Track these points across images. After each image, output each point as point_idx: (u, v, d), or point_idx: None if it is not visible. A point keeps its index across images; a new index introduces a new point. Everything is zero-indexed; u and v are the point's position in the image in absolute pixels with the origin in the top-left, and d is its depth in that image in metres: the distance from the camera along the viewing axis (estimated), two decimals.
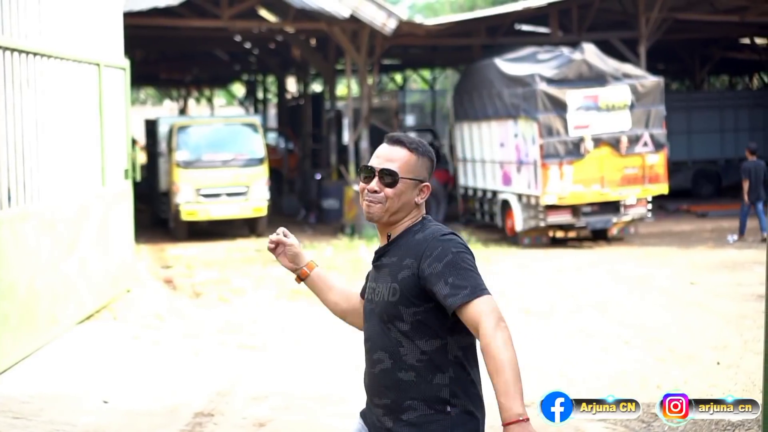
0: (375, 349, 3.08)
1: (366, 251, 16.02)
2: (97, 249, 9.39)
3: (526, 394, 7.66)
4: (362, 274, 13.85)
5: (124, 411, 6.39)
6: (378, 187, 3.15)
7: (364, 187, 3.20)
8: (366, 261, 15.01)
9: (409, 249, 3.07)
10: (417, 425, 2.95)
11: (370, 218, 3.18)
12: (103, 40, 9.98)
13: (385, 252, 3.18)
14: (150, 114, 35.30)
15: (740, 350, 8.89)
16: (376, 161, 3.20)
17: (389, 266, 3.10)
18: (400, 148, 3.18)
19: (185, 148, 18.72)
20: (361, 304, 3.36)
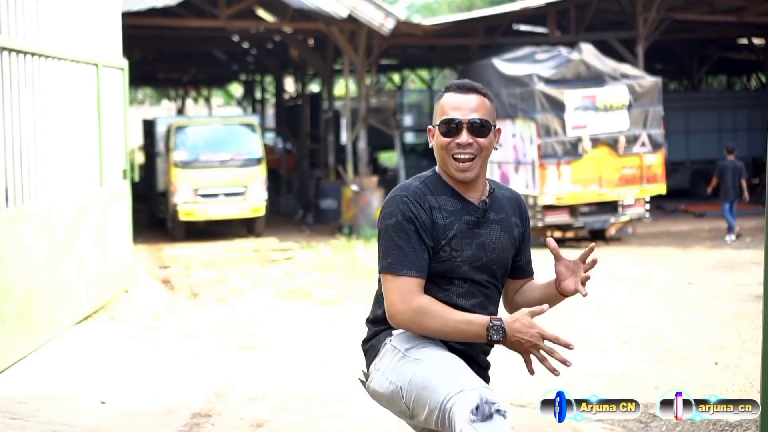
0: (488, 305, 3.14)
1: (364, 251, 16.02)
2: (96, 249, 9.39)
3: (523, 395, 7.67)
4: (360, 273, 13.86)
5: (121, 411, 6.39)
6: (471, 139, 3.04)
7: (449, 141, 3.05)
8: (364, 261, 15.00)
9: (510, 207, 3.22)
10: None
11: (467, 177, 3.07)
12: (101, 40, 9.98)
13: (489, 207, 3.14)
14: (148, 114, 35.28)
15: (738, 350, 8.89)
16: (458, 113, 3.05)
17: (499, 222, 3.15)
18: (476, 95, 3.09)
19: (183, 148, 18.72)
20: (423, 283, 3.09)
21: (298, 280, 13.45)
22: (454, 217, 3.06)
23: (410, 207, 3.01)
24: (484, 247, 3.10)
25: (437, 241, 3.03)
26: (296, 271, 14.27)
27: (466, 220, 3.08)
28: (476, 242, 3.08)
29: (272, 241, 18.08)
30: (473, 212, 3.10)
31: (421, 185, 3.09)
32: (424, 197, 3.05)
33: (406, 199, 3.02)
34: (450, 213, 3.06)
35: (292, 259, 15.69)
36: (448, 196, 3.08)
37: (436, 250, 3.04)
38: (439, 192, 3.09)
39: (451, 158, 3.06)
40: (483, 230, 3.11)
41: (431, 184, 3.10)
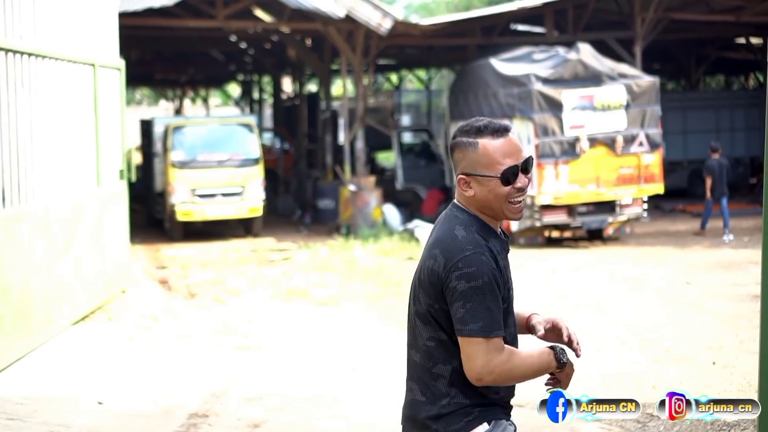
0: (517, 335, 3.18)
1: (361, 251, 16.02)
2: (92, 249, 9.37)
3: (521, 394, 7.66)
4: (358, 274, 13.86)
5: (118, 412, 6.38)
6: (526, 182, 3.06)
7: (510, 189, 3.02)
8: (361, 261, 15.00)
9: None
10: None
11: (520, 218, 3.08)
12: (98, 40, 9.96)
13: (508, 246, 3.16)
14: (146, 114, 35.26)
15: (736, 350, 8.89)
16: (512, 159, 3.02)
17: (508, 261, 3.13)
18: (511, 134, 3.06)
19: (180, 148, 18.70)
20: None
21: (296, 281, 13.44)
22: (502, 256, 3.07)
23: (491, 265, 2.97)
24: (508, 284, 3.11)
25: (506, 284, 3.05)
26: (294, 272, 14.27)
27: (505, 254, 3.11)
28: (510, 277, 3.13)
29: (270, 241, 18.07)
30: (506, 244, 3.13)
31: (480, 233, 3.04)
32: (490, 245, 3.03)
33: (485, 257, 2.96)
34: (500, 253, 3.06)
35: (289, 260, 15.68)
36: (494, 237, 3.07)
37: (505, 295, 3.06)
38: (489, 235, 3.06)
39: (508, 203, 3.04)
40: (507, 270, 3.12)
41: (482, 229, 3.06)
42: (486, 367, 2.97)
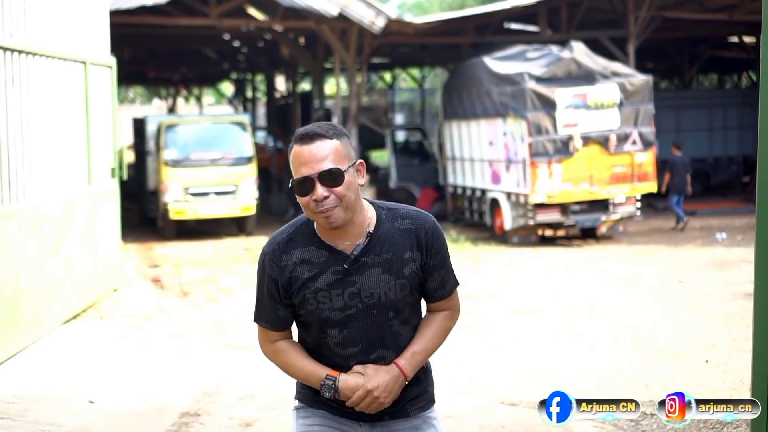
0: (373, 349, 3.04)
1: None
2: (84, 248, 9.34)
3: (515, 393, 7.61)
4: None
5: (110, 411, 6.35)
6: (326, 192, 2.91)
7: (308, 200, 2.92)
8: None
9: (402, 242, 3.03)
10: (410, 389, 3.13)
11: (335, 226, 2.94)
12: (89, 38, 9.93)
13: (366, 251, 3.01)
14: (139, 113, 35.20)
15: (729, 349, 8.89)
16: (307, 168, 2.91)
17: (381, 264, 3.00)
18: (320, 141, 2.92)
19: (173, 146, 18.65)
20: (282, 333, 3.13)
21: None
22: (318, 269, 2.99)
23: (268, 266, 3.04)
24: (359, 295, 3.00)
25: (300, 295, 3.01)
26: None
27: (333, 270, 2.99)
28: (349, 291, 2.99)
29: (263, 239, 18.01)
30: (341, 261, 2.99)
31: (286, 237, 3.05)
32: (286, 253, 3.02)
33: (268, 257, 3.04)
34: (315, 265, 2.99)
35: None
36: (315, 247, 3.01)
37: (299, 303, 3.03)
38: (306, 243, 3.02)
39: (314, 214, 2.96)
40: (357, 277, 2.99)
41: (299, 235, 3.04)
42: (259, 344, 3.20)
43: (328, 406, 3.10)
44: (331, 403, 3.09)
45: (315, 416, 3.12)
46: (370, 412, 3.03)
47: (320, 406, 3.10)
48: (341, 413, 3.09)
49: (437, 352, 3.22)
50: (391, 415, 3.10)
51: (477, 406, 6.89)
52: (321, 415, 3.11)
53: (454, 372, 8.06)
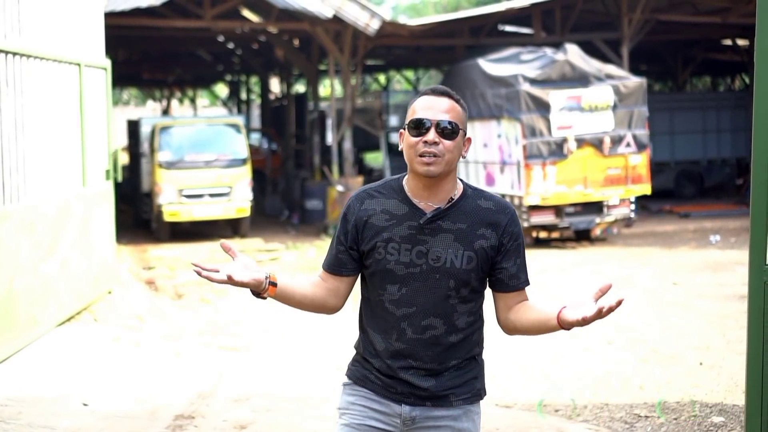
0: (426, 315, 3.05)
1: None
2: (78, 250, 9.32)
3: (510, 395, 7.62)
4: None
5: (104, 414, 6.34)
6: (437, 139, 3.02)
7: (417, 141, 3.02)
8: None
9: (480, 217, 3.10)
10: (457, 377, 3.12)
11: (430, 174, 3.02)
12: (83, 39, 9.91)
13: (443, 215, 3.07)
14: (133, 114, 35.15)
15: (723, 351, 8.91)
16: (429, 113, 3.04)
17: (454, 232, 3.06)
18: (448, 99, 3.08)
19: (167, 148, 18.65)
20: (332, 278, 3.20)
21: None
22: (395, 221, 3.08)
23: (351, 206, 3.15)
24: (426, 255, 3.05)
25: (372, 242, 3.08)
26: (281, 272, 14.22)
27: (408, 225, 3.06)
28: (417, 249, 3.05)
29: (257, 242, 18.03)
30: (418, 218, 3.07)
31: (375, 188, 3.18)
32: (370, 199, 3.13)
33: (354, 199, 3.17)
34: (393, 216, 3.08)
35: (277, 260, 15.64)
36: (398, 201, 3.11)
37: (368, 251, 3.10)
38: (391, 195, 3.13)
39: (417, 156, 3.04)
40: (429, 238, 3.06)
41: (387, 188, 3.16)
42: None
43: (373, 384, 3.12)
44: (375, 380, 3.11)
45: (358, 395, 3.15)
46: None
47: (366, 383, 3.14)
48: (385, 393, 3.10)
49: None
50: (433, 401, 3.10)
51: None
52: (363, 395, 3.14)
53: None
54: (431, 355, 3.07)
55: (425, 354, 3.07)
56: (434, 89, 3.11)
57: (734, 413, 6.60)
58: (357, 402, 3.14)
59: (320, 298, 3.22)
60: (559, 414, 6.91)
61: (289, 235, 19.15)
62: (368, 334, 3.15)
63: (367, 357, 3.15)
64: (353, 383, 3.18)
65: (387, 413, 3.11)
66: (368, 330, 3.15)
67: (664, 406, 6.98)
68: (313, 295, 3.20)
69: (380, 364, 3.10)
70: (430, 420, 3.10)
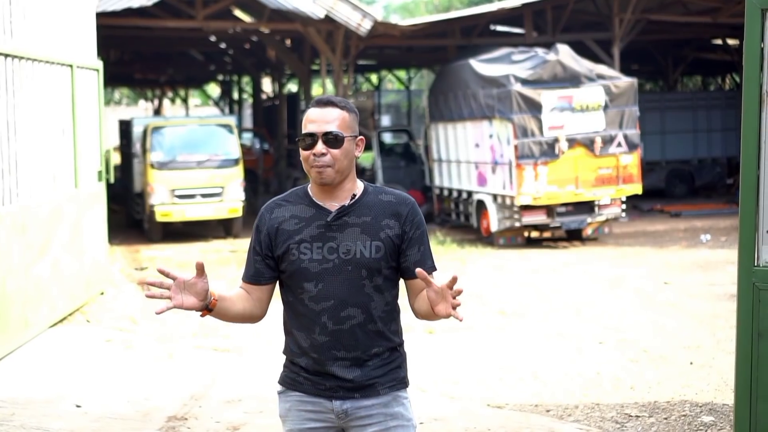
0: (344, 306, 3.24)
1: None
2: (70, 251, 9.33)
3: (501, 396, 7.62)
4: None
5: (96, 415, 6.35)
6: (324, 150, 3.24)
7: (308, 154, 3.25)
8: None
9: (382, 210, 3.32)
10: (381, 367, 3.29)
11: (324, 182, 3.26)
12: (75, 41, 9.92)
13: (348, 211, 3.29)
14: (125, 114, 35.11)
15: (713, 350, 8.94)
16: (314, 126, 3.26)
17: (360, 225, 3.28)
18: (332, 108, 3.30)
19: (160, 149, 18.64)
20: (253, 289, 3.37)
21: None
22: (304, 223, 3.29)
23: (261, 218, 3.35)
24: (337, 250, 3.25)
25: (285, 245, 3.28)
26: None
27: (316, 225, 3.28)
28: (328, 245, 3.26)
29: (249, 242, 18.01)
30: (325, 217, 3.28)
31: (282, 198, 3.39)
32: (279, 209, 3.34)
33: (264, 211, 3.37)
34: (301, 220, 3.30)
35: None
36: (305, 205, 3.33)
37: (281, 255, 3.29)
38: (297, 202, 3.35)
39: (311, 168, 3.27)
40: (337, 234, 3.27)
41: (293, 196, 3.38)
42: None
43: (302, 385, 3.28)
44: (304, 382, 3.27)
45: (292, 400, 3.31)
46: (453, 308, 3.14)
47: (296, 386, 3.30)
48: (315, 392, 3.26)
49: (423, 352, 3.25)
50: (360, 392, 3.26)
51: (463, 409, 6.92)
52: (296, 398, 3.30)
53: (441, 375, 8.09)
54: (353, 344, 3.24)
55: (348, 343, 3.23)
56: (319, 100, 3.34)
57: (724, 412, 6.64)
58: (293, 407, 3.31)
59: (248, 311, 3.38)
60: (551, 414, 6.94)
61: None
62: (293, 335, 3.30)
63: (294, 359, 3.31)
64: (286, 389, 3.34)
65: (321, 411, 3.27)
66: (293, 331, 3.30)
67: (654, 405, 7.01)
68: (243, 310, 3.36)
69: (307, 361, 3.26)
70: (361, 410, 3.26)
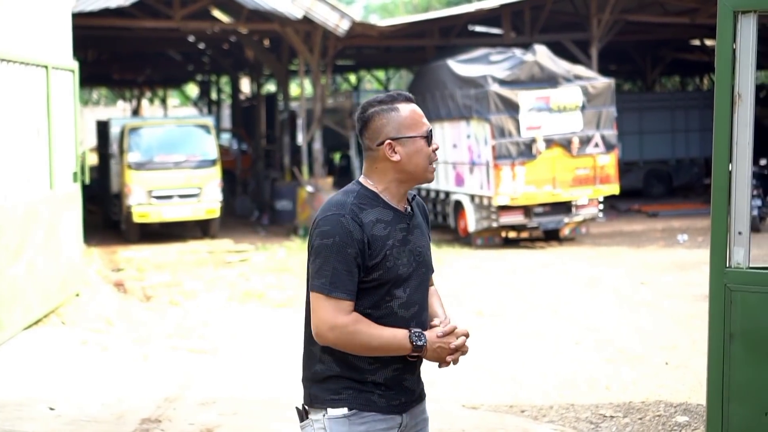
0: (423, 310, 3.17)
1: None
2: (45, 253, 9.27)
3: (477, 396, 7.64)
4: None
5: (70, 418, 6.31)
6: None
7: (430, 150, 3.15)
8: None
9: (421, 211, 3.30)
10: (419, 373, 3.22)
11: (432, 179, 3.20)
12: (51, 41, 9.86)
13: (414, 212, 3.22)
14: (103, 115, 34.93)
15: (689, 350, 8.98)
16: (426, 123, 3.19)
17: (419, 226, 3.21)
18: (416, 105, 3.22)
19: (137, 149, 18.59)
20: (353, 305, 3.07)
21: (253, 282, 13.39)
22: (391, 227, 3.10)
23: (350, 226, 3.02)
24: (413, 253, 3.14)
25: (381, 252, 3.06)
26: (250, 273, 14.21)
27: (399, 228, 3.12)
28: (408, 248, 3.13)
29: (227, 242, 17.99)
30: (404, 219, 3.15)
31: (355, 200, 3.09)
32: (362, 212, 3.07)
33: (347, 217, 3.03)
34: (387, 223, 3.10)
35: (246, 261, 15.61)
36: (382, 207, 3.12)
37: (379, 263, 3.05)
38: (373, 204, 3.11)
39: (429, 165, 3.17)
40: (411, 236, 3.15)
41: (362, 198, 3.11)
42: (324, 323, 3.03)
43: (377, 405, 3.07)
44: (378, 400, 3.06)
45: (366, 421, 3.06)
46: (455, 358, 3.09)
47: (372, 406, 3.07)
48: (389, 409, 3.09)
49: None
50: (420, 397, 3.20)
51: (438, 410, 6.90)
52: (371, 419, 3.06)
53: None
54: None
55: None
56: (410, 97, 3.22)
57: (698, 413, 6.67)
58: (369, 429, 3.07)
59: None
60: (526, 415, 6.96)
61: (258, 236, 19.11)
62: None
63: (364, 377, 3.07)
64: (359, 410, 3.07)
65: (391, 428, 3.11)
66: None
67: (629, 406, 7.04)
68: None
69: (386, 376, 3.07)
70: (416, 417, 3.18)
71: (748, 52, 4.41)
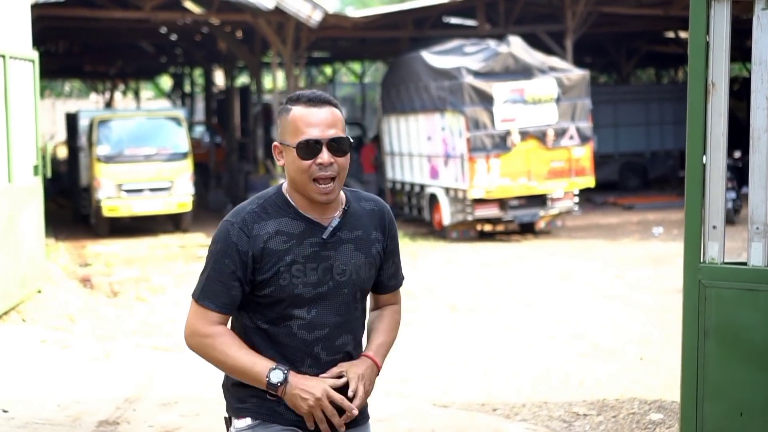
0: (339, 334, 2.87)
1: None
2: (4, 248, 9.02)
3: (448, 394, 7.47)
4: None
5: (23, 421, 6.07)
6: (331, 159, 2.78)
7: (310, 164, 2.77)
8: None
9: (370, 221, 2.94)
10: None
11: (330, 200, 2.80)
12: (9, 31, 9.59)
13: (342, 225, 2.88)
14: (75, 107, 34.54)
15: (663, 345, 8.87)
16: (317, 131, 2.78)
17: (353, 241, 2.88)
18: (331, 108, 2.83)
19: (106, 142, 18.31)
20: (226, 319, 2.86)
21: None
22: (294, 241, 2.82)
23: (236, 237, 2.81)
24: (332, 271, 2.84)
25: (273, 268, 2.80)
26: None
27: (310, 242, 2.83)
28: (323, 266, 2.83)
29: (199, 236, 17.73)
30: (319, 233, 2.84)
31: (257, 209, 2.85)
32: (258, 223, 2.82)
33: (237, 227, 2.82)
34: (291, 236, 2.82)
35: None
36: (290, 218, 2.84)
37: (269, 279, 2.81)
38: (280, 214, 2.85)
39: (312, 182, 2.80)
40: (332, 252, 2.85)
41: (271, 205, 2.86)
42: (188, 326, 2.87)
43: (282, 417, 2.83)
44: (284, 411, 2.81)
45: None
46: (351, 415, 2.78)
47: (276, 417, 2.83)
48: (295, 421, 2.83)
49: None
50: (353, 422, 2.87)
51: (409, 408, 6.73)
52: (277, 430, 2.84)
53: (390, 372, 7.90)
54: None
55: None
56: (311, 98, 2.84)
57: (673, 410, 6.52)
58: None
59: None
60: (498, 413, 6.79)
61: None
62: None
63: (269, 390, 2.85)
64: (262, 421, 2.86)
65: None
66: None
67: (603, 403, 6.88)
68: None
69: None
70: None
71: (722, 40, 4.29)
